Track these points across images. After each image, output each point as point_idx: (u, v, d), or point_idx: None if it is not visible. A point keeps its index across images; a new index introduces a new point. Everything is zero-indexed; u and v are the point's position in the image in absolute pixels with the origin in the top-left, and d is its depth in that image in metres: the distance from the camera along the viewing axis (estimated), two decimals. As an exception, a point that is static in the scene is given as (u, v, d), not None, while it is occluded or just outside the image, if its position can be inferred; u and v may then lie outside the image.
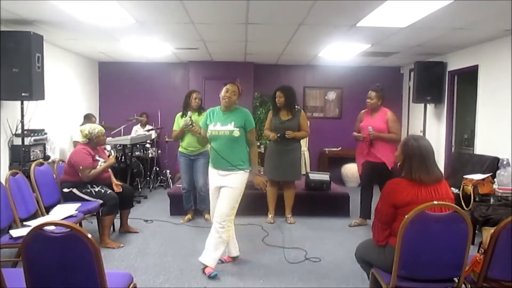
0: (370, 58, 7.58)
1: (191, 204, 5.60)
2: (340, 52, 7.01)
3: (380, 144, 5.21)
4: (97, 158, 4.67)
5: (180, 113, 5.51)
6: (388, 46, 6.42)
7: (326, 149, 8.65)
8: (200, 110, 5.53)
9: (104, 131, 4.79)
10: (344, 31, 5.41)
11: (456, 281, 2.57)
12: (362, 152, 5.35)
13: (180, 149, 5.51)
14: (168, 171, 8.11)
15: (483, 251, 2.58)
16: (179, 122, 5.41)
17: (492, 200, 4.84)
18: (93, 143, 4.67)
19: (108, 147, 6.95)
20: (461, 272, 2.51)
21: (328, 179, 6.13)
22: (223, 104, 3.83)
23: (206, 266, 3.78)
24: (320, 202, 6.01)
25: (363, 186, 5.51)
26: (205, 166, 5.37)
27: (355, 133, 5.39)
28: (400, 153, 2.76)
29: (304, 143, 7.95)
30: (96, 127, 4.74)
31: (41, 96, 5.06)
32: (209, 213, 5.60)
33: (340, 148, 8.58)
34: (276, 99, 5.40)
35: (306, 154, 8.23)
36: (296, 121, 5.39)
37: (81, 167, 4.47)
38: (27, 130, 5.25)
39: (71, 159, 4.55)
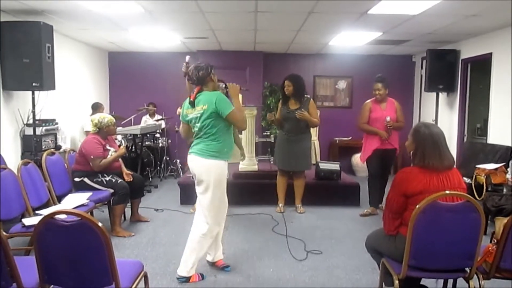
0: (381, 46, 7.48)
1: None
2: (350, 41, 6.93)
3: (393, 132, 5.30)
4: (108, 147, 4.70)
5: None
6: (400, 34, 6.33)
7: (337, 138, 8.60)
8: None
9: (114, 121, 4.80)
10: (355, 19, 5.34)
11: (468, 271, 2.54)
12: (376, 141, 5.31)
13: None
14: (178, 160, 8.14)
15: (495, 241, 2.55)
16: None
17: (505, 190, 4.79)
18: (103, 132, 4.69)
19: (119, 137, 6.98)
20: (473, 262, 2.48)
21: (338, 168, 6.11)
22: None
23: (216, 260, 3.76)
24: (330, 192, 5.99)
25: (374, 174, 5.48)
26: None
27: (366, 126, 5.36)
28: (412, 141, 2.72)
29: (314, 133, 7.91)
30: (106, 117, 4.76)
31: (51, 86, 5.09)
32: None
33: (350, 137, 8.53)
34: (285, 88, 5.36)
35: (316, 143, 8.19)
36: (305, 110, 5.34)
37: (92, 157, 4.50)
38: (39, 120, 5.30)
39: (82, 149, 4.58)
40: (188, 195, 5.82)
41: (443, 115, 7.30)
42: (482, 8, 4.69)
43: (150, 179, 7.31)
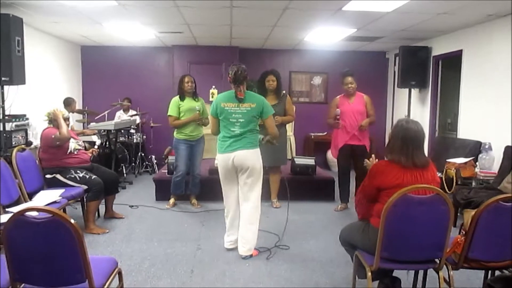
0: (356, 42, 7.57)
1: (182, 189, 5.58)
2: (325, 37, 6.99)
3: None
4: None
5: (177, 97, 5.46)
6: (374, 31, 6.42)
7: (312, 134, 8.67)
8: (194, 95, 5.47)
9: (65, 115, 4.62)
10: (329, 15, 5.39)
11: (438, 262, 2.61)
12: (344, 136, 5.38)
13: (179, 136, 5.43)
14: (153, 156, 8.06)
15: (464, 232, 2.63)
16: (178, 107, 5.39)
17: (473, 183, 4.94)
18: (56, 124, 4.58)
19: (95, 138, 6.85)
20: (442, 253, 2.55)
21: (314, 163, 6.18)
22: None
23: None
24: (305, 187, 6.03)
25: (344, 170, 5.56)
26: (203, 150, 5.48)
27: (331, 121, 5.47)
28: (390, 132, 2.78)
29: (289, 128, 7.95)
30: (54, 109, 4.64)
31: (22, 81, 4.95)
32: (196, 198, 5.64)
33: (325, 133, 8.61)
34: (268, 83, 5.36)
35: (292, 139, 8.24)
36: (282, 105, 5.38)
37: (52, 137, 4.38)
38: (8, 115, 5.14)
39: (43, 143, 4.47)
40: (163, 191, 5.80)
41: (415, 110, 7.46)
42: (453, 6, 4.80)
43: (125, 175, 7.22)
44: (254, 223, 3.91)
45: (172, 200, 5.62)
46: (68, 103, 6.84)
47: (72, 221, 2.06)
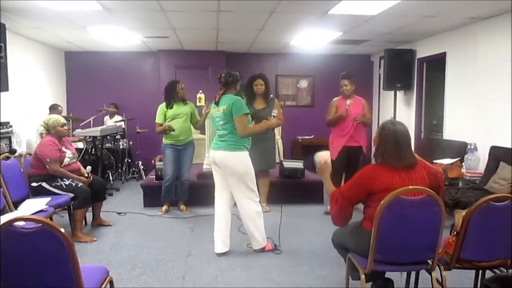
0: (342, 46, 7.63)
1: (173, 196, 5.53)
2: (311, 40, 7.03)
3: (360, 129, 5.40)
4: (64, 150, 4.52)
5: (164, 104, 5.39)
6: (359, 34, 6.47)
7: (299, 137, 8.70)
8: (184, 100, 5.43)
9: (61, 121, 4.56)
10: (315, 19, 5.41)
11: (430, 263, 2.63)
12: (342, 137, 5.39)
13: (166, 140, 5.39)
14: (140, 162, 7.98)
15: (455, 233, 2.64)
16: (165, 114, 5.34)
17: (460, 184, 5.00)
18: (53, 134, 4.52)
19: (81, 145, 6.72)
20: (435, 254, 2.57)
21: (302, 167, 6.18)
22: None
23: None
24: (294, 190, 6.05)
25: (337, 171, 5.54)
26: (192, 155, 5.38)
27: (332, 117, 5.44)
28: (377, 136, 2.78)
29: (277, 132, 7.96)
30: (52, 117, 4.59)
31: (5, 88, 4.85)
32: (184, 204, 5.60)
33: (312, 136, 8.64)
34: (256, 87, 5.35)
35: (280, 142, 8.25)
36: (270, 109, 5.35)
37: (48, 160, 4.32)
38: (-9, 123, 5.05)
39: (38, 152, 4.40)
40: (151, 198, 5.74)
41: (401, 112, 7.53)
42: (439, 9, 4.86)
43: (111, 182, 7.13)
44: (252, 220, 4.02)
45: (164, 207, 5.56)
46: (53, 109, 6.73)
47: (62, 229, 2.02)
